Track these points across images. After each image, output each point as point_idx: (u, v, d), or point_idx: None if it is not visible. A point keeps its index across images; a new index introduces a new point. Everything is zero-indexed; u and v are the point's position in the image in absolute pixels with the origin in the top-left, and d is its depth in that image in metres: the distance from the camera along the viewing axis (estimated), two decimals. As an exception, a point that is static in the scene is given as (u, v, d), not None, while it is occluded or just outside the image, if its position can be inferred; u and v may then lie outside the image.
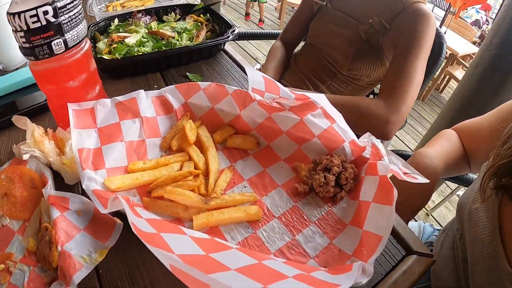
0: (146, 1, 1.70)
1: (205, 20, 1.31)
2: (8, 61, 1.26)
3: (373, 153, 0.70)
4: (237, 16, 7.15)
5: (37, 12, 0.58)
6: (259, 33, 2.10)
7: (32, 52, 0.63)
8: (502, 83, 2.24)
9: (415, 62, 1.20)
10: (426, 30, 1.21)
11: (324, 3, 1.55)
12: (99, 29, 1.25)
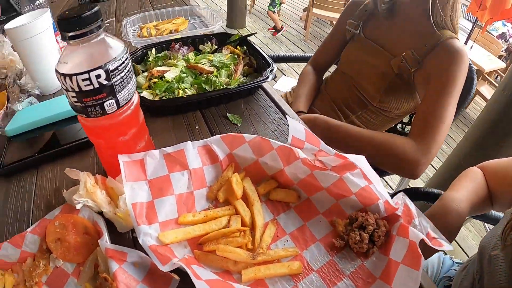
0: (180, 24, 1.72)
1: (242, 52, 1.31)
2: (46, 86, 1.28)
3: (404, 212, 0.72)
4: (262, 25, 7.15)
5: (90, 76, 0.59)
6: (289, 56, 2.10)
7: (84, 110, 0.63)
8: None
9: (447, 102, 1.19)
10: (459, 69, 1.20)
11: (357, 31, 1.54)
12: (136, 59, 1.26)
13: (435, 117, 1.20)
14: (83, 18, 0.56)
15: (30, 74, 1.27)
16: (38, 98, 1.25)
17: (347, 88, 1.59)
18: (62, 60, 0.59)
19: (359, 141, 1.32)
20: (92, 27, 0.58)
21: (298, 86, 1.72)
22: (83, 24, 0.57)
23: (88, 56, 0.60)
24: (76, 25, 0.56)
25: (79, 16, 0.56)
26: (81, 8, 0.58)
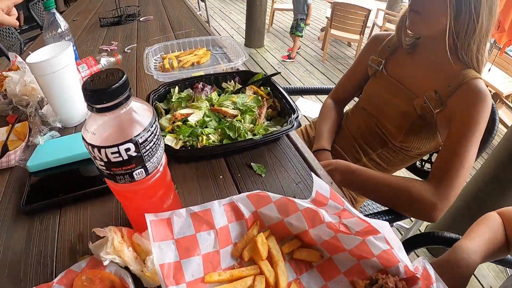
0: (202, 55, 1.72)
1: (265, 93, 1.30)
2: (68, 119, 1.28)
3: (423, 275, 0.71)
4: (280, 45, 7.18)
5: (119, 150, 0.57)
6: (309, 89, 2.10)
7: (112, 178, 0.62)
8: None
9: (469, 147, 1.18)
10: (483, 111, 1.18)
11: (380, 68, 1.53)
12: (159, 97, 1.26)
13: (455, 162, 1.19)
14: (111, 91, 0.54)
15: (51, 107, 1.27)
16: (60, 131, 1.25)
17: (368, 125, 1.58)
18: (89, 129, 0.58)
19: (378, 186, 1.31)
20: (121, 98, 0.56)
21: (320, 122, 1.71)
22: (111, 96, 0.55)
23: (116, 127, 0.58)
24: (103, 98, 0.54)
25: (107, 88, 0.54)
26: (108, 76, 0.57)
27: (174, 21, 2.65)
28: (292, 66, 6.09)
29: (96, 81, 0.56)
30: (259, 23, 6.56)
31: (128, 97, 0.57)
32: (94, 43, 2.21)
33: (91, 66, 1.52)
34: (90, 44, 2.19)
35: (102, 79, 0.57)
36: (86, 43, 2.22)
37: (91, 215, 0.90)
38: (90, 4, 3.59)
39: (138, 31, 2.42)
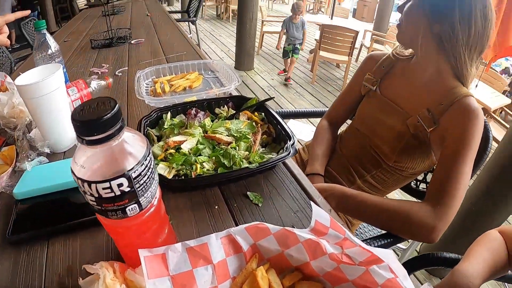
0: (194, 80, 1.70)
1: (259, 119, 1.28)
2: (56, 144, 1.25)
3: None
4: (270, 67, 7.22)
5: (111, 185, 0.54)
6: (303, 112, 2.09)
7: (104, 213, 0.59)
8: None
9: (464, 165, 1.18)
10: (475, 129, 1.19)
11: (374, 88, 1.53)
12: (151, 123, 1.23)
13: (451, 181, 1.18)
14: (102, 122, 0.51)
15: (40, 131, 1.24)
16: (48, 156, 1.21)
17: (361, 146, 1.58)
18: (78, 162, 0.55)
19: (375, 210, 1.30)
20: (113, 130, 0.52)
21: (314, 145, 1.70)
22: (102, 128, 0.51)
23: (108, 160, 0.55)
24: (94, 130, 0.51)
25: (98, 119, 0.51)
26: (99, 106, 0.54)
27: (166, 44, 2.64)
28: (283, 89, 6.11)
29: (86, 111, 0.53)
30: (249, 46, 6.60)
31: (120, 128, 0.54)
32: (85, 65, 2.19)
33: (81, 90, 1.49)
34: (81, 66, 2.17)
35: (92, 108, 0.53)
36: (77, 64, 2.20)
37: (81, 246, 0.86)
38: (81, 25, 3.60)
39: (129, 54, 2.41)
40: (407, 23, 1.36)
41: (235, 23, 6.81)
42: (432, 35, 1.28)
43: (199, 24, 10.94)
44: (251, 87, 5.88)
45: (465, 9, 1.19)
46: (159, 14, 4.17)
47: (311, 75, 6.81)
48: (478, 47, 1.26)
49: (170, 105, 1.32)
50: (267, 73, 6.79)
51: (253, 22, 6.44)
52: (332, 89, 6.54)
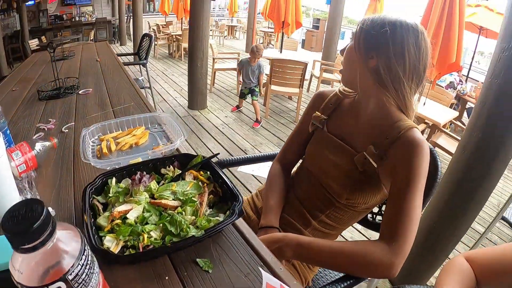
0: (141, 136, 1.70)
1: (205, 178, 1.29)
2: (0, 214, 1.19)
3: None
4: (223, 105, 7.25)
5: (49, 291, 0.53)
6: (255, 157, 2.10)
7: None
8: (490, 165, 2.36)
9: (413, 199, 1.20)
10: (422, 160, 1.23)
11: (322, 126, 1.57)
12: (96, 190, 1.22)
13: (403, 217, 1.20)
14: (32, 232, 0.51)
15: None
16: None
17: (313, 186, 1.59)
18: (16, 266, 0.54)
19: (332, 255, 1.30)
20: (43, 237, 0.53)
21: (267, 194, 1.68)
22: (32, 238, 0.52)
23: (44, 263, 0.54)
24: (25, 240, 0.51)
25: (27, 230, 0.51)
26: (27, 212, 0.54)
27: (113, 94, 2.63)
28: (236, 125, 6.12)
29: (15, 219, 0.53)
30: (201, 85, 6.62)
31: (51, 233, 0.54)
32: (31, 120, 2.13)
33: (26, 153, 1.46)
34: (27, 121, 2.12)
35: (21, 215, 0.53)
36: (23, 119, 2.15)
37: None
38: (30, 71, 3.55)
39: (76, 106, 2.37)
40: (346, 64, 1.42)
41: (187, 62, 6.81)
42: (370, 71, 1.32)
43: (152, 64, 10.96)
44: (204, 126, 5.88)
45: (397, 42, 1.25)
46: (109, 59, 4.16)
47: (264, 109, 6.88)
48: (415, 77, 1.30)
49: (115, 168, 1.32)
50: (220, 111, 6.81)
51: (204, 60, 6.48)
52: (286, 122, 6.62)
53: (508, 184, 5.60)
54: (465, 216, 2.53)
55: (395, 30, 1.25)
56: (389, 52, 1.26)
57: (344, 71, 1.45)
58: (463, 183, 2.47)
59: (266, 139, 5.65)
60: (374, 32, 1.29)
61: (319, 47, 15.14)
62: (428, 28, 4.70)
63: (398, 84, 1.29)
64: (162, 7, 15.20)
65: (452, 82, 7.78)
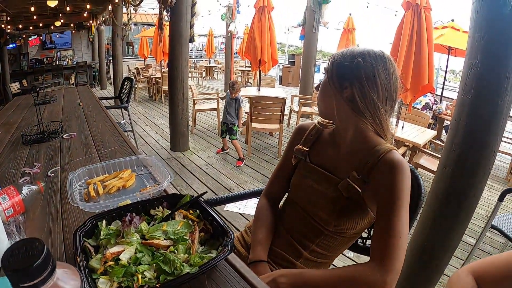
0: (128, 178, 1.71)
1: (195, 216, 1.30)
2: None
3: None
4: (205, 145, 7.26)
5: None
6: (240, 194, 2.11)
7: None
8: (472, 178, 2.46)
9: (400, 217, 1.25)
10: (403, 181, 1.28)
11: (304, 158, 1.61)
12: (86, 233, 1.22)
13: (391, 235, 1.24)
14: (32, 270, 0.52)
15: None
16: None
17: (300, 218, 1.60)
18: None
19: (325, 281, 1.33)
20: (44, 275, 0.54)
21: (256, 229, 1.69)
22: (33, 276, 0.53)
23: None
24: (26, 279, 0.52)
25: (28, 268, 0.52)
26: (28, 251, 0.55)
27: (98, 138, 2.64)
28: (220, 165, 6.13)
29: (16, 257, 0.54)
30: (183, 126, 6.63)
31: (51, 271, 0.55)
32: (16, 164, 2.13)
33: (13, 197, 1.46)
34: (12, 165, 2.11)
35: (21, 253, 0.54)
36: (8, 163, 2.14)
37: None
38: (13, 115, 3.55)
39: (61, 150, 2.38)
40: (322, 98, 1.50)
41: (167, 104, 6.85)
42: (346, 101, 1.39)
43: (133, 107, 10.99)
44: (188, 167, 5.87)
45: (368, 70, 1.33)
46: (91, 102, 4.18)
47: (246, 147, 6.91)
48: (388, 100, 1.38)
49: (105, 211, 1.32)
50: (203, 152, 6.82)
51: (185, 102, 6.53)
52: (268, 158, 6.65)
53: (493, 193, 5.72)
54: (455, 229, 2.60)
55: (365, 59, 1.34)
56: (362, 80, 1.33)
57: (321, 104, 1.52)
58: (448, 198, 2.55)
59: (250, 177, 5.66)
60: (346, 63, 1.37)
61: (296, 82, 15.39)
62: (399, 54, 4.90)
63: (373, 109, 1.36)
64: (141, 51, 15.41)
65: (427, 103, 8.00)
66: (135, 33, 17.18)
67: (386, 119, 1.40)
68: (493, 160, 2.44)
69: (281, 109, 6.39)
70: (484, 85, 2.31)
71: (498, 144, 2.41)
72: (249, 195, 2.13)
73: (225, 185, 5.26)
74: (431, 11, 4.97)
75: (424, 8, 4.86)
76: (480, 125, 2.35)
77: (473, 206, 2.55)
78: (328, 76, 1.43)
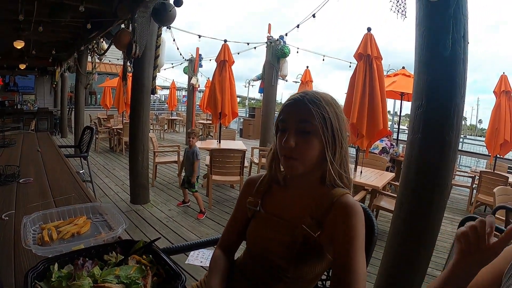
0: (83, 225, 1.72)
1: (148, 261, 1.32)
2: None
3: None
4: (166, 198, 7.17)
5: None
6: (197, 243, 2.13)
7: None
8: (428, 212, 2.62)
9: (356, 256, 1.29)
10: (357, 222, 1.34)
11: (258, 209, 1.64)
12: (38, 275, 1.21)
13: (349, 274, 1.27)
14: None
15: None
16: None
17: (260, 266, 1.61)
18: None
19: None
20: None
21: (211, 275, 1.66)
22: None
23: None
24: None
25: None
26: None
27: (54, 184, 2.64)
28: (181, 218, 6.05)
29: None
30: (143, 179, 6.53)
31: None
32: (-29, 205, 2.10)
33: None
34: (-34, 206, 2.08)
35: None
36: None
37: None
38: None
39: (17, 195, 2.37)
40: (308, 156, 1.44)
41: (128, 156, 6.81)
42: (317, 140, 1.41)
43: (93, 157, 10.83)
44: (148, 220, 5.76)
45: (329, 105, 1.42)
46: (50, 149, 4.16)
47: (207, 200, 6.88)
48: (344, 145, 1.45)
49: (58, 254, 1.33)
50: (163, 204, 6.72)
51: (145, 154, 6.48)
52: (230, 210, 6.59)
53: (456, 226, 5.78)
54: (418, 263, 2.72)
55: (325, 98, 1.44)
56: (334, 131, 1.41)
57: (307, 153, 1.46)
58: (408, 233, 2.70)
59: (212, 229, 5.61)
60: (310, 105, 1.40)
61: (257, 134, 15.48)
62: (354, 103, 5.13)
63: (338, 159, 1.43)
64: (104, 101, 15.39)
65: (384, 147, 8.27)
66: (98, 82, 17.22)
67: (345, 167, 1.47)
68: (447, 192, 2.62)
69: (241, 161, 6.47)
70: (430, 123, 2.53)
71: (450, 176, 2.60)
72: (206, 244, 2.14)
73: (186, 238, 5.18)
74: (382, 60, 5.34)
75: (375, 58, 5.19)
76: (431, 161, 2.54)
77: (433, 238, 2.69)
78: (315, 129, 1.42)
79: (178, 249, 2.02)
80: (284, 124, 1.46)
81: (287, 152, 1.44)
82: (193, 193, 6.27)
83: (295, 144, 1.41)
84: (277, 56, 9.79)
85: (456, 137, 2.51)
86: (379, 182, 5.34)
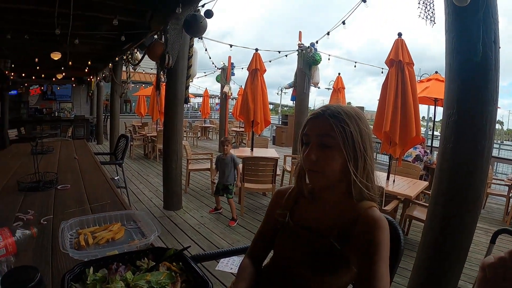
0: (117, 231, 1.77)
1: (178, 269, 1.37)
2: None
3: None
4: (198, 205, 7.23)
5: None
6: (226, 251, 2.16)
7: None
8: (460, 224, 2.58)
9: (381, 269, 1.29)
10: (383, 235, 1.34)
11: (286, 220, 1.65)
12: (74, 277, 1.28)
13: (373, 284, 1.28)
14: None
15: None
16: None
17: (285, 276, 1.62)
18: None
19: None
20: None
21: (236, 283, 1.69)
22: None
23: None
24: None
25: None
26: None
27: (91, 192, 2.71)
28: (213, 224, 6.09)
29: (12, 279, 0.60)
30: (176, 186, 6.62)
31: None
32: (11, 209, 2.21)
33: (6, 238, 1.52)
34: (6, 209, 2.20)
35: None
36: (2, 208, 2.22)
37: None
38: (10, 161, 3.65)
39: (55, 200, 2.46)
40: (330, 170, 1.46)
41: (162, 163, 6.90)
42: (343, 153, 1.42)
43: (127, 163, 11.02)
44: (180, 226, 5.82)
45: (354, 135, 1.41)
46: (86, 157, 4.27)
47: (239, 207, 6.89)
48: (367, 158, 1.46)
49: (93, 259, 1.39)
50: (196, 211, 6.77)
51: (179, 161, 6.58)
52: (261, 218, 6.47)
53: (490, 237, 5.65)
54: (449, 276, 2.67)
55: (347, 112, 1.44)
56: (356, 145, 1.41)
57: (328, 165, 1.48)
58: (439, 245, 2.65)
59: (243, 237, 5.62)
60: (330, 119, 1.42)
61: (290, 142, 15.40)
62: (386, 110, 5.05)
63: (362, 172, 1.43)
64: (138, 109, 15.70)
65: (418, 155, 8.07)
66: (133, 91, 17.48)
67: (370, 177, 1.48)
68: (479, 203, 2.56)
69: (273, 169, 6.46)
70: (462, 132, 2.49)
71: (483, 187, 2.52)
72: (235, 252, 2.18)
73: (217, 244, 5.21)
74: (414, 65, 5.23)
75: (406, 64, 5.11)
76: (462, 171, 2.49)
77: (464, 250, 2.65)
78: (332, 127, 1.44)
79: (207, 257, 2.06)
80: (307, 137, 1.51)
81: (310, 166, 1.47)
82: (228, 200, 6.29)
83: (317, 158, 1.44)
84: (308, 64, 9.75)
85: (489, 146, 2.46)
86: (412, 191, 5.21)
